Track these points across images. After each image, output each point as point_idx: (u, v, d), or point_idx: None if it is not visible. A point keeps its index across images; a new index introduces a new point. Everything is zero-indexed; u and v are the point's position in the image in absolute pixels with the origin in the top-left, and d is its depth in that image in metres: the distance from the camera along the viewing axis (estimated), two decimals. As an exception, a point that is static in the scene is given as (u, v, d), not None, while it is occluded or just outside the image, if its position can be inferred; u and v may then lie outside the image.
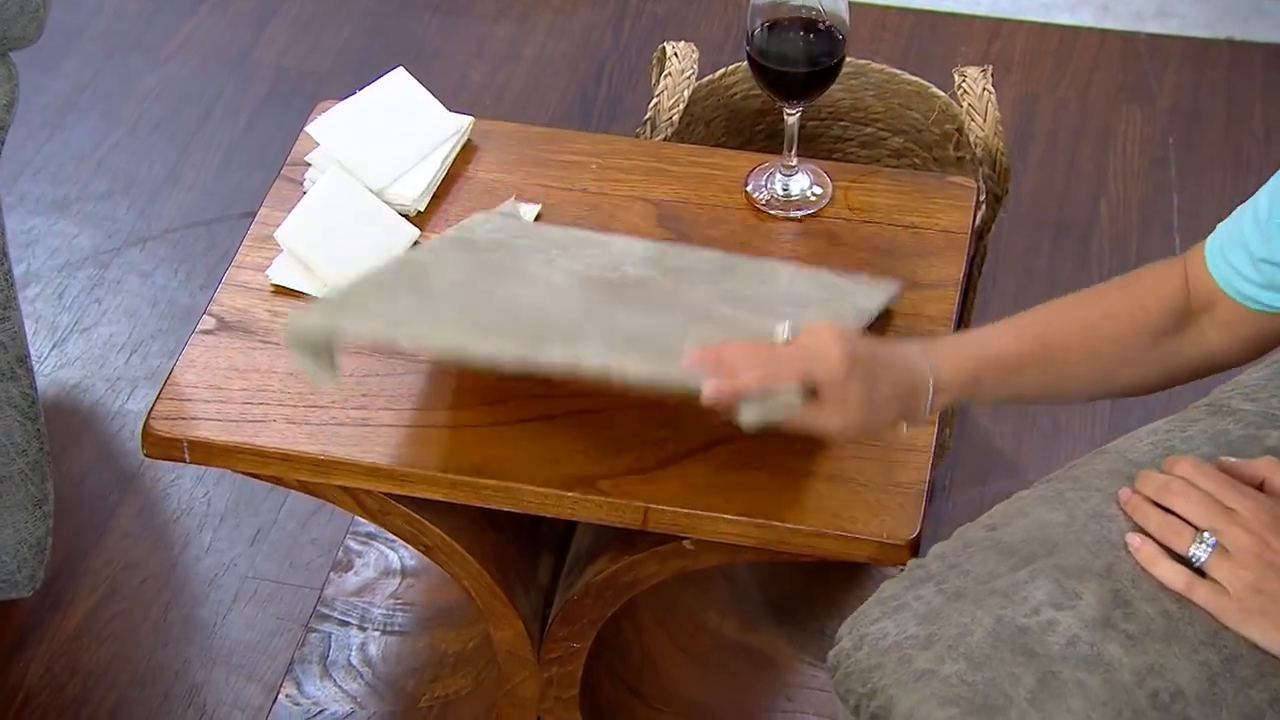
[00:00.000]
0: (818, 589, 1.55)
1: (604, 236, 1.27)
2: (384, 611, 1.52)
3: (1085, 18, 2.23)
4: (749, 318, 1.16)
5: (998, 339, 1.08)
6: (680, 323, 1.16)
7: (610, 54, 2.12)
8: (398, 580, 1.55)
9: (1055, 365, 1.07)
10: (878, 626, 0.94)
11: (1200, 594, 0.95)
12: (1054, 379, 1.08)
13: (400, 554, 1.56)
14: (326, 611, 1.53)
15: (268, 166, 1.70)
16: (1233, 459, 0.99)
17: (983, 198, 1.49)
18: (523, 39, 2.14)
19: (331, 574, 1.56)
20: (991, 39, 2.17)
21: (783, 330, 1.04)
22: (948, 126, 1.58)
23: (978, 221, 1.49)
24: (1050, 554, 0.95)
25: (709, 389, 1.01)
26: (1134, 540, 0.96)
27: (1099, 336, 1.07)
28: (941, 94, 1.57)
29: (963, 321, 1.61)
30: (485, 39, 2.14)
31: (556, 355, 1.06)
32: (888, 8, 2.20)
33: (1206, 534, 0.95)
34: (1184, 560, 0.96)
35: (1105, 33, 2.20)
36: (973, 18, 2.19)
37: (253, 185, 1.91)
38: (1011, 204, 1.95)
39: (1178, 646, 0.92)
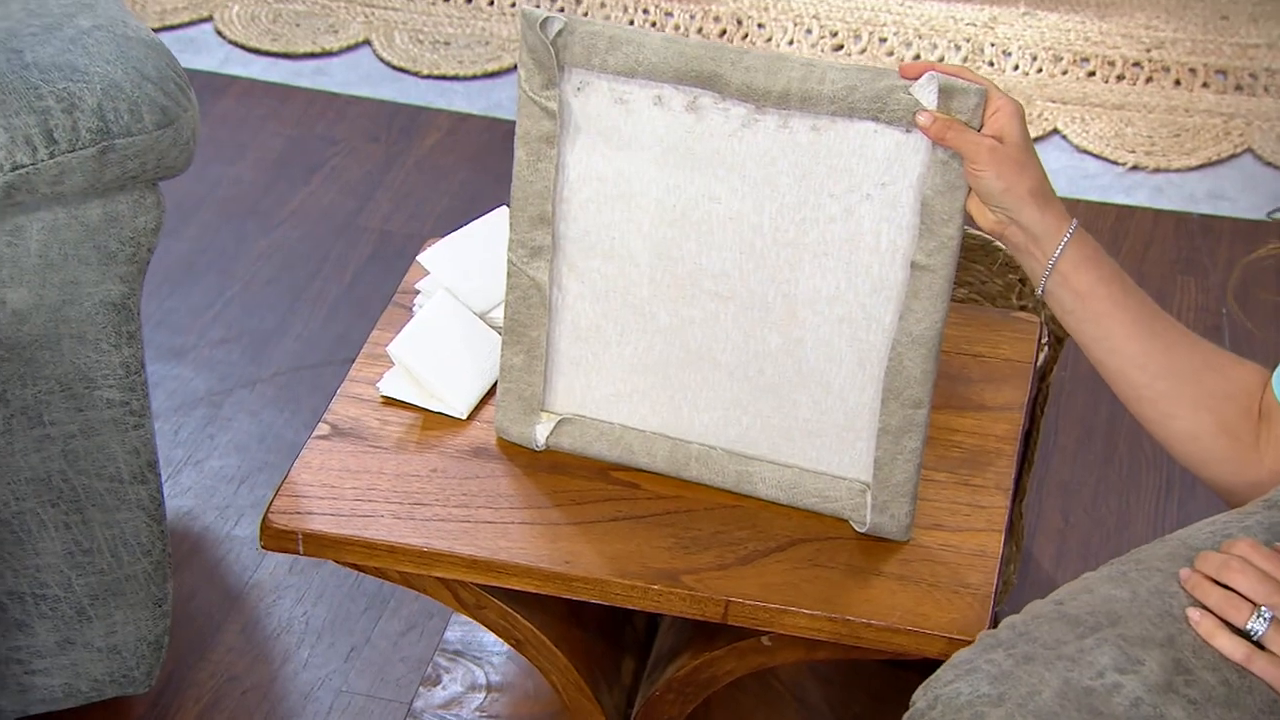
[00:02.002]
0: (887, 715, 1.60)
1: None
2: (470, 724, 1.59)
3: (1140, 198, 2.35)
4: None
5: (1123, 277, 1.20)
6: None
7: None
8: (483, 695, 1.62)
9: (1147, 336, 1.17)
10: (951, 688, 1.01)
11: (1259, 665, 1.00)
12: (1137, 347, 1.18)
13: (486, 670, 1.64)
14: (416, 723, 1.60)
15: (370, 318, 1.83)
16: None
17: (1045, 340, 1.58)
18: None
19: (421, 689, 1.63)
20: (1052, 215, 2.29)
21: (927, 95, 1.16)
22: (1010, 277, 1.68)
23: (1040, 362, 1.58)
24: (1114, 625, 1.02)
25: (909, 65, 1.16)
26: (1194, 614, 1.03)
27: (1182, 369, 1.18)
28: (1003, 248, 1.68)
29: (1026, 462, 1.69)
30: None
31: (693, 474, 1.30)
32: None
33: (1264, 609, 1.01)
34: (1243, 633, 1.02)
35: (1159, 212, 2.32)
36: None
37: (356, 335, 2.04)
38: (1071, 361, 2.04)
39: (1238, 713, 0.98)
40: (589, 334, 1.30)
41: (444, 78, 2.56)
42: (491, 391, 1.38)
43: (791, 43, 2.61)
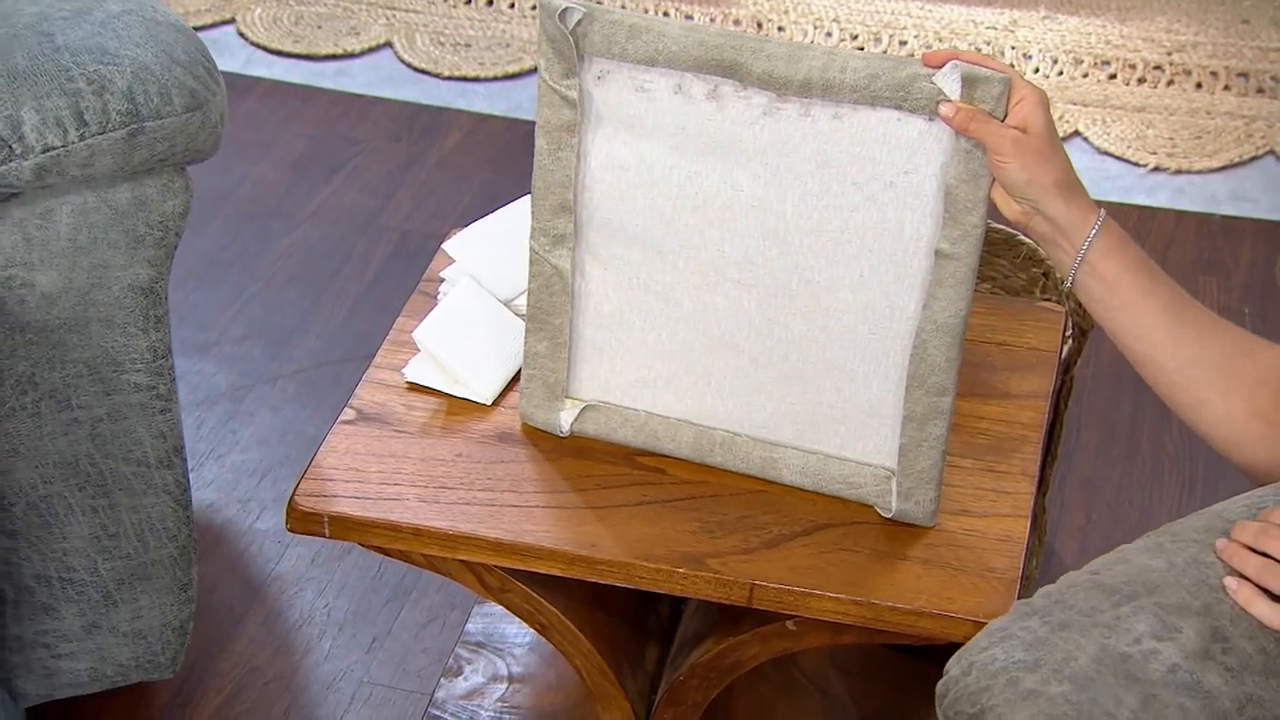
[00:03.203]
0: (909, 707, 1.60)
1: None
2: (492, 714, 1.59)
3: (1162, 199, 2.35)
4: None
5: (1151, 265, 1.19)
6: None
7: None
8: (505, 685, 1.62)
9: (1177, 323, 1.17)
10: (986, 654, 1.01)
11: None
12: (1167, 335, 1.17)
13: (507, 662, 1.64)
14: (438, 714, 1.60)
15: (391, 314, 1.84)
16: None
17: (1070, 332, 1.58)
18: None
19: (442, 679, 1.63)
20: (1072, 216, 2.29)
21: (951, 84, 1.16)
22: (1034, 271, 1.68)
23: (1065, 353, 1.58)
24: (1151, 593, 1.02)
25: (931, 54, 1.16)
26: (1231, 583, 1.03)
27: (1213, 355, 1.17)
28: (1027, 241, 1.68)
29: (1049, 455, 1.69)
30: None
31: (718, 460, 1.30)
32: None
33: None
34: None
35: (1181, 214, 2.32)
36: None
37: (377, 332, 2.05)
38: (1094, 357, 2.04)
39: (1276, 681, 0.98)
40: (612, 321, 1.30)
41: (465, 79, 2.57)
42: (516, 377, 1.38)
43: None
